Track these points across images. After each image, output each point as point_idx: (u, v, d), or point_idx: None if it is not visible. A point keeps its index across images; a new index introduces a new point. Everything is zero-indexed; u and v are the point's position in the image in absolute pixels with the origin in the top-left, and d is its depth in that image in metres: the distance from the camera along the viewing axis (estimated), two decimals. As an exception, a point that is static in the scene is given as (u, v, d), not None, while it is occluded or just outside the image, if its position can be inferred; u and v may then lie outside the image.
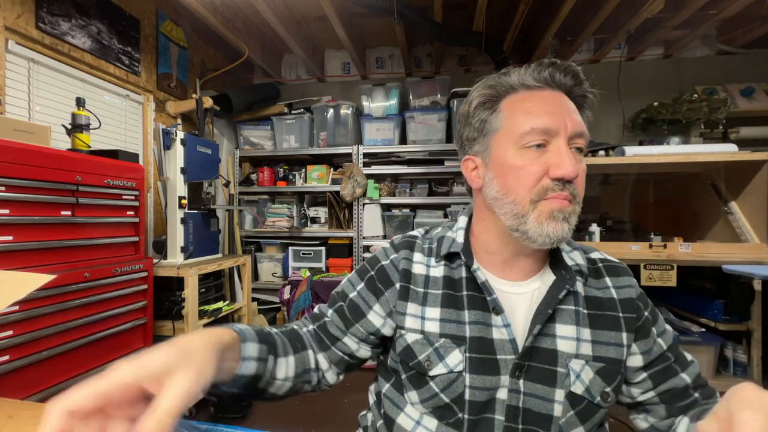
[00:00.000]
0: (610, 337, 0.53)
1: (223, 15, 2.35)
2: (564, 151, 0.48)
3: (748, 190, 2.04)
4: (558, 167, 0.48)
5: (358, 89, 2.97)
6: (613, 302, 0.56)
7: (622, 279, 0.58)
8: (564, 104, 0.51)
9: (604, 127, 2.88)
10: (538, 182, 0.49)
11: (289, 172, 2.98)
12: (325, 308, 0.64)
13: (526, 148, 0.50)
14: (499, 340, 0.53)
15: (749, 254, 1.90)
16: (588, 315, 0.54)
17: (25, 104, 1.61)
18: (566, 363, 0.52)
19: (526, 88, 0.52)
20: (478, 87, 0.56)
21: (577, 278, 0.55)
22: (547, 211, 0.49)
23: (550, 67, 0.51)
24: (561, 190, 0.49)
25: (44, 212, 1.30)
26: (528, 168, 0.49)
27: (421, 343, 0.56)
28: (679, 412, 0.54)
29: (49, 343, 1.29)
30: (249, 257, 2.46)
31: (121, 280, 1.56)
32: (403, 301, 0.59)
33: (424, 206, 2.83)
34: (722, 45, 2.71)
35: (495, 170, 0.53)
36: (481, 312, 0.55)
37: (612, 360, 0.52)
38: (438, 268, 0.60)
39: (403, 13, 2.22)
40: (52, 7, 1.68)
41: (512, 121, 0.51)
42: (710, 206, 2.24)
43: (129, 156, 1.66)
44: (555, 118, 0.49)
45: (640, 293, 0.58)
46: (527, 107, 0.50)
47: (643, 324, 0.55)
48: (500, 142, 0.52)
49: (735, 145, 2.01)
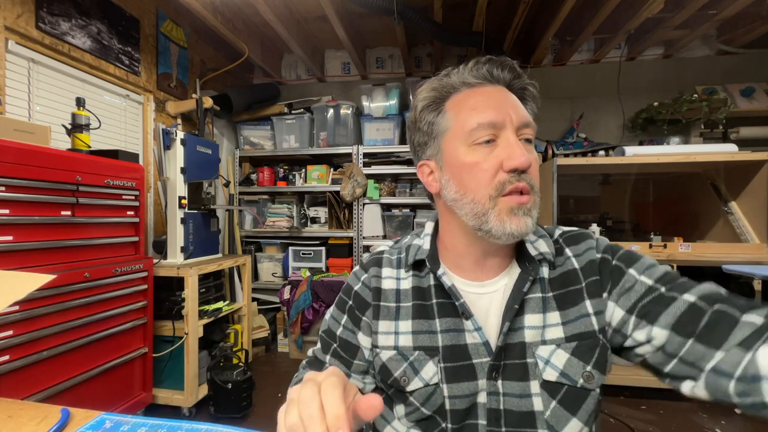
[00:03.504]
0: (576, 312, 0.51)
1: (223, 15, 2.35)
2: (514, 142, 0.48)
3: (748, 190, 2.04)
4: (510, 158, 0.47)
5: (358, 89, 2.97)
6: (575, 273, 0.54)
7: (581, 245, 0.56)
8: (506, 97, 0.51)
9: (604, 127, 2.88)
10: (494, 177, 0.48)
11: (289, 172, 2.98)
12: (321, 354, 0.63)
13: (476, 145, 0.49)
14: (473, 344, 0.53)
15: (749, 254, 1.90)
16: (554, 297, 0.53)
17: (25, 104, 1.61)
18: (533, 352, 0.51)
19: (467, 86, 0.52)
20: (421, 91, 0.56)
21: (543, 266, 0.54)
22: (506, 208, 0.48)
23: (487, 63, 0.51)
24: (518, 180, 0.48)
25: (44, 212, 1.30)
26: (482, 164, 0.49)
27: (395, 359, 0.55)
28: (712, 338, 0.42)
29: (49, 343, 1.29)
30: (249, 257, 2.46)
31: (121, 280, 1.56)
32: (376, 320, 0.58)
33: (424, 206, 2.83)
34: (722, 45, 2.71)
35: (450, 171, 0.52)
36: (452, 319, 0.54)
37: (583, 335, 0.50)
38: (407, 279, 0.59)
39: (403, 13, 2.22)
40: (52, 7, 1.68)
41: (459, 120, 0.51)
42: (710, 206, 2.24)
43: (129, 156, 1.66)
44: (499, 112, 0.49)
45: (605, 247, 0.55)
46: (471, 104, 0.50)
47: (611, 273, 0.52)
48: (450, 142, 0.52)
49: (735, 145, 2.01)
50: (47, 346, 1.28)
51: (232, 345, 2.04)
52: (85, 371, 1.41)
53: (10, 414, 0.51)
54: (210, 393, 1.82)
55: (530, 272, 0.53)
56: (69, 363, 1.36)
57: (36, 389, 1.25)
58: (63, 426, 0.48)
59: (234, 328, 2.27)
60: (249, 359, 2.32)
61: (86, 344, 1.42)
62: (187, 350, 1.81)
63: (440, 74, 0.55)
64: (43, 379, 1.28)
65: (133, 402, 1.65)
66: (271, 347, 2.77)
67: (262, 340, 2.67)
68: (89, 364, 1.44)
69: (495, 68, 0.51)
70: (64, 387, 1.33)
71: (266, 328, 2.66)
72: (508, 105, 0.50)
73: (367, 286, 0.61)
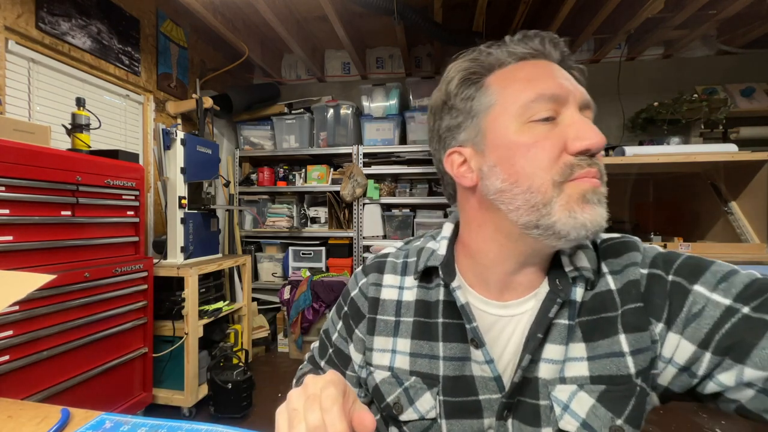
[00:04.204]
0: (606, 347, 0.41)
1: (223, 15, 2.35)
2: (580, 119, 0.39)
3: (748, 190, 2.04)
4: (578, 138, 0.38)
5: (358, 89, 2.97)
6: (611, 297, 0.42)
7: (622, 258, 0.44)
8: (563, 73, 0.42)
9: (604, 127, 2.86)
10: (558, 159, 0.39)
11: (289, 172, 2.98)
12: (318, 356, 0.60)
13: (533, 123, 0.40)
14: (481, 378, 0.44)
15: (749, 254, 1.90)
16: (580, 324, 0.42)
17: (25, 104, 1.61)
18: (548, 392, 0.41)
19: (515, 57, 0.43)
20: (453, 66, 0.46)
21: (577, 286, 0.43)
22: (577, 194, 0.38)
23: (536, 37, 0.43)
24: (589, 165, 0.38)
25: (44, 212, 1.30)
26: (542, 143, 0.39)
27: (389, 382, 0.49)
28: None
29: (49, 343, 1.29)
30: (249, 257, 2.46)
31: (121, 280, 1.56)
32: (371, 335, 0.52)
33: (424, 206, 2.83)
34: (722, 45, 2.71)
35: (495, 156, 0.42)
36: (459, 344, 0.46)
37: (614, 378, 0.39)
38: (412, 290, 0.51)
39: (403, 13, 2.22)
40: (52, 7, 1.68)
41: (508, 94, 0.41)
42: (710, 206, 2.24)
43: (129, 156, 1.66)
44: (562, 84, 0.40)
45: (655, 259, 0.43)
46: (524, 75, 0.41)
47: (670, 295, 0.40)
48: (496, 120, 0.42)
49: (735, 145, 2.01)
50: (47, 346, 1.28)
51: (232, 345, 2.04)
52: (85, 371, 1.41)
53: (10, 414, 0.50)
54: (210, 393, 1.82)
55: (559, 293, 0.42)
56: (69, 363, 1.36)
57: (36, 389, 1.25)
58: (63, 426, 0.48)
59: (234, 328, 2.27)
60: (249, 359, 2.32)
61: (86, 344, 1.42)
62: (187, 350, 1.81)
63: (471, 51, 0.46)
64: (43, 379, 1.28)
65: (133, 402, 1.65)
66: (271, 347, 2.77)
67: (262, 340, 2.67)
68: (89, 364, 1.44)
69: (546, 43, 0.42)
70: (64, 387, 1.33)
71: (266, 328, 2.66)
72: (568, 79, 0.41)
73: (364, 294, 0.54)
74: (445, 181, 0.52)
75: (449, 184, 0.52)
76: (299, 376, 0.62)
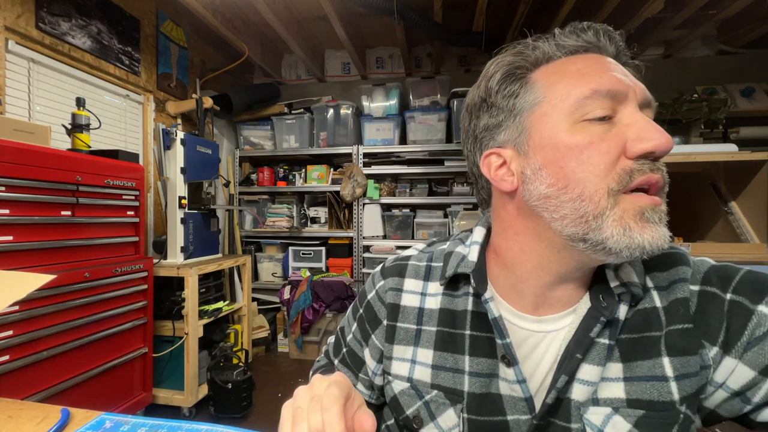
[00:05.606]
0: (646, 370, 0.37)
1: (223, 15, 2.35)
2: (642, 118, 0.35)
3: (748, 190, 2.04)
4: (642, 139, 0.33)
5: (358, 89, 2.97)
6: (655, 315, 0.39)
7: (670, 272, 0.40)
8: (620, 67, 0.38)
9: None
10: (616, 164, 0.34)
11: (289, 172, 2.98)
12: (332, 354, 0.59)
13: (586, 122, 0.35)
14: (510, 397, 0.41)
15: (749, 254, 1.90)
16: (619, 343, 0.39)
17: (25, 104, 1.61)
18: (581, 415, 0.38)
19: (565, 51, 0.39)
20: (495, 61, 0.42)
21: (622, 302, 0.39)
22: (634, 209, 0.34)
23: (590, 29, 0.39)
24: (651, 171, 0.34)
25: (44, 212, 1.30)
26: (597, 145, 0.35)
27: (409, 394, 0.46)
28: None
29: (49, 343, 1.29)
30: (249, 257, 2.46)
31: (121, 280, 1.56)
32: (390, 343, 0.49)
33: (424, 206, 2.83)
34: (722, 45, 2.71)
35: (541, 157, 0.38)
36: (488, 360, 0.43)
37: (655, 404, 0.36)
38: (436, 297, 0.48)
39: (403, 13, 2.22)
40: (52, 7, 1.68)
41: (557, 90, 0.37)
42: (710, 206, 2.24)
43: (129, 156, 1.66)
44: (620, 80, 0.36)
45: (707, 274, 0.39)
46: (576, 69, 0.37)
47: (728, 316, 0.37)
48: (543, 119, 0.38)
49: (735, 145, 2.01)
50: (47, 346, 1.28)
51: (232, 345, 2.04)
52: (85, 371, 1.41)
53: (10, 414, 0.50)
54: (210, 393, 1.82)
55: (603, 310, 0.38)
56: (69, 363, 1.36)
57: (36, 389, 1.25)
58: (63, 426, 0.48)
59: (234, 328, 2.27)
60: (249, 359, 2.32)
61: (86, 344, 1.42)
62: (187, 350, 1.81)
63: (515, 45, 0.42)
64: (43, 379, 1.28)
65: (133, 402, 1.65)
66: (271, 347, 2.77)
67: (262, 340, 2.67)
68: (89, 364, 1.44)
69: (601, 34, 0.38)
70: (64, 387, 1.33)
71: (266, 328, 2.66)
72: (627, 75, 0.37)
73: (381, 300, 0.51)
74: (480, 185, 0.48)
75: (484, 189, 0.48)
76: (315, 369, 0.61)
